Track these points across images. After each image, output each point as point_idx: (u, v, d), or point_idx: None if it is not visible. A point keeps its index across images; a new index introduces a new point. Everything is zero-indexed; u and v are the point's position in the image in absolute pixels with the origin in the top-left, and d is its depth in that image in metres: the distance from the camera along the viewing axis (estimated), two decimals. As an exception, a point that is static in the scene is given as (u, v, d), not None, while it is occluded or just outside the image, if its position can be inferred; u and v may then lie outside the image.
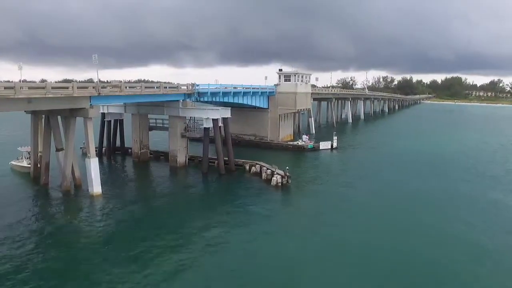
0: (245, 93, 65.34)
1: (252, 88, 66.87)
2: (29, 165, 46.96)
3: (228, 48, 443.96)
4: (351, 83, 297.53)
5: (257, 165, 50.03)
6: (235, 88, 62.77)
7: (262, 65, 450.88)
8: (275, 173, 45.18)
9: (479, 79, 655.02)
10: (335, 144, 70.23)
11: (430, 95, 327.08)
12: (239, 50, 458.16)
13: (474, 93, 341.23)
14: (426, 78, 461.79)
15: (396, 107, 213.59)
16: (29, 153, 47.86)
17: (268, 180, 45.41)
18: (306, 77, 78.11)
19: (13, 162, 50.63)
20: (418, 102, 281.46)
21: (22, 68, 40.43)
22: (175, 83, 50.69)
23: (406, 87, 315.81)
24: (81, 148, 55.26)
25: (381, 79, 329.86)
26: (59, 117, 42.29)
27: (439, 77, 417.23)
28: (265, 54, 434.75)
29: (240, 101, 64.86)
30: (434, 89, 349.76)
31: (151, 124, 58.80)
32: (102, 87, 40.44)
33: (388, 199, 40.54)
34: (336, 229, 31.85)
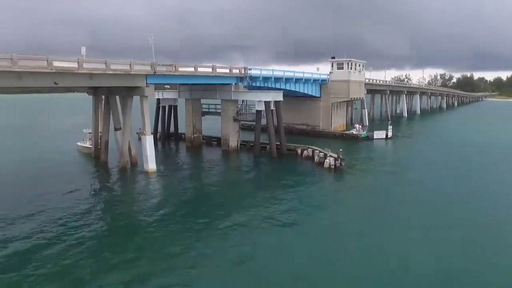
0: (297, 80, 64.36)
1: (304, 74, 65.68)
2: (91, 146, 49.32)
3: (280, 48, 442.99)
4: (406, 80, 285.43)
5: (309, 149, 48.89)
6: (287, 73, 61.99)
7: (313, 63, 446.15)
8: (328, 155, 43.80)
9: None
10: (390, 134, 67.21)
11: (494, 93, 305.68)
12: (291, 50, 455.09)
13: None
14: (489, 76, 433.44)
15: (456, 104, 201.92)
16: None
17: (321, 163, 44.12)
18: (359, 65, 75.51)
19: (78, 143, 53.55)
20: (480, 99, 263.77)
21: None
22: (228, 66, 50.81)
23: (466, 84, 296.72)
24: (137, 133, 56.90)
25: (439, 77, 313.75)
26: (117, 97, 44.00)
27: (504, 74, 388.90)
28: (316, 53, 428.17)
29: (292, 88, 63.89)
30: (499, 86, 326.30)
31: (203, 110, 59.61)
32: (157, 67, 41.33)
33: (445, 186, 37.35)
34: (390, 212, 30.21)
